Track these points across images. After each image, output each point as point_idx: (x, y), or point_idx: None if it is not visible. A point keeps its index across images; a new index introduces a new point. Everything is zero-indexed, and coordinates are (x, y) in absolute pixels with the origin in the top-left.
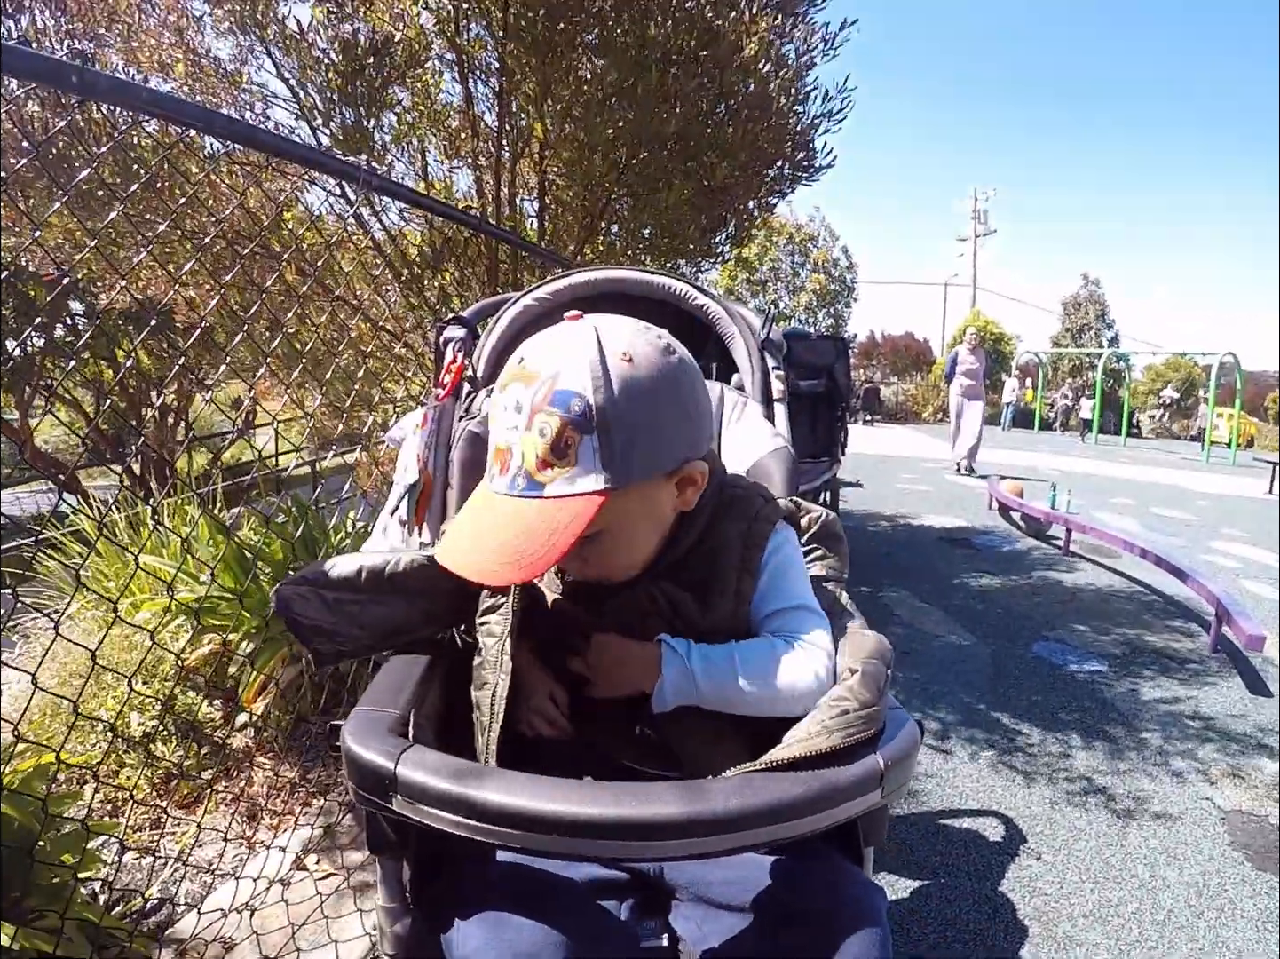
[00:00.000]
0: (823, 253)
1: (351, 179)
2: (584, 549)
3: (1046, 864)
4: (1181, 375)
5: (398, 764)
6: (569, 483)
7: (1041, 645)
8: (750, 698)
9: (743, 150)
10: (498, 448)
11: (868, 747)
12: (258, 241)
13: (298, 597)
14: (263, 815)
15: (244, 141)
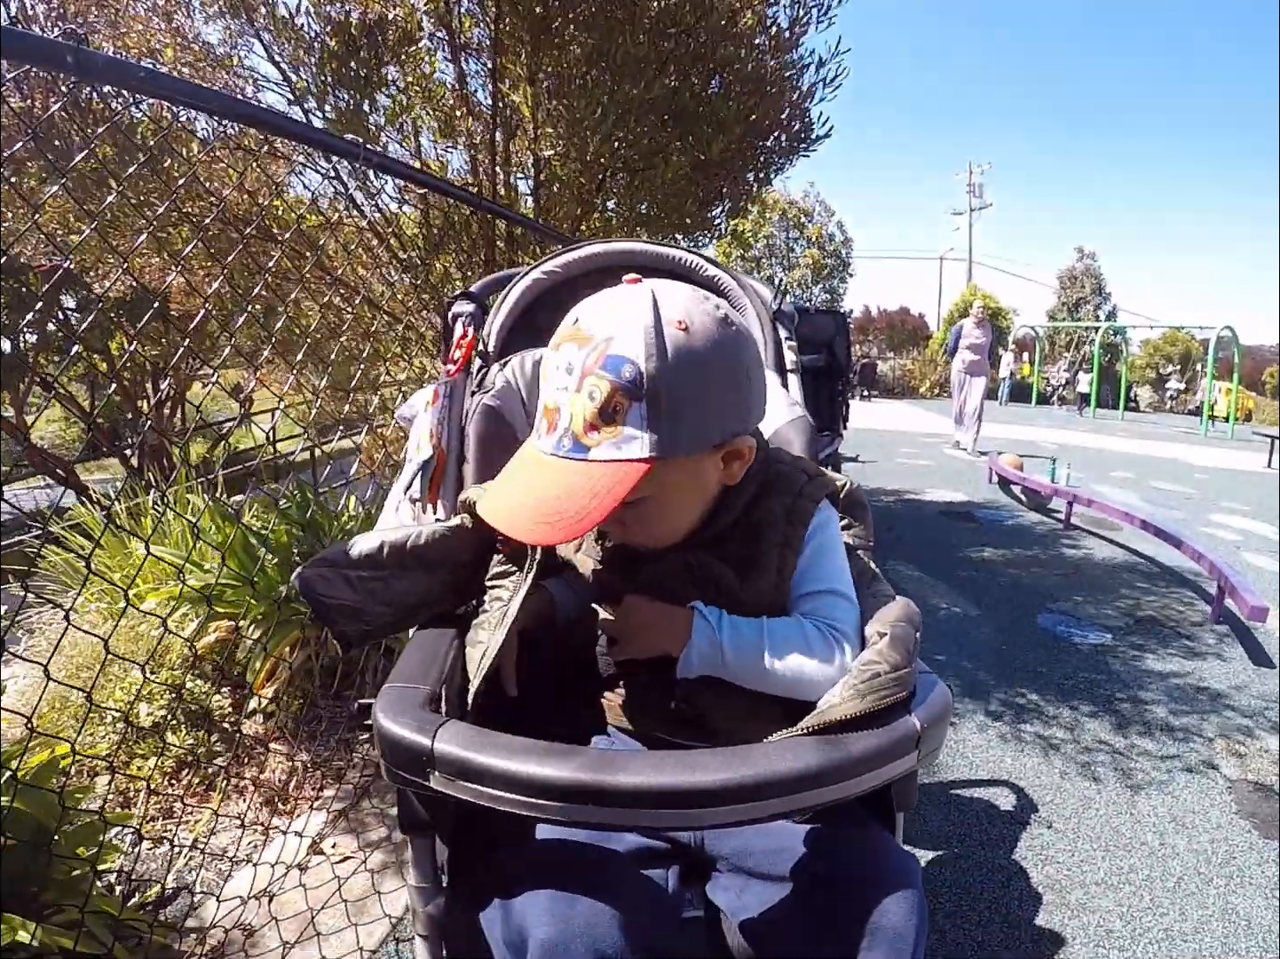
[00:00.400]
0: (817, 228)
1: (350, 156)
2: (625, 514)
3: (1058, 833)
4: (1179, 350)
5: (435, 739)
6: (615, 448)
7: (1046, 617)
8: (773, 676)
9: (738, 123)
10: (546, 407)
11: (901, 709)
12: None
13: (320, 578)
14: (277, 801)
15: (241, 119)
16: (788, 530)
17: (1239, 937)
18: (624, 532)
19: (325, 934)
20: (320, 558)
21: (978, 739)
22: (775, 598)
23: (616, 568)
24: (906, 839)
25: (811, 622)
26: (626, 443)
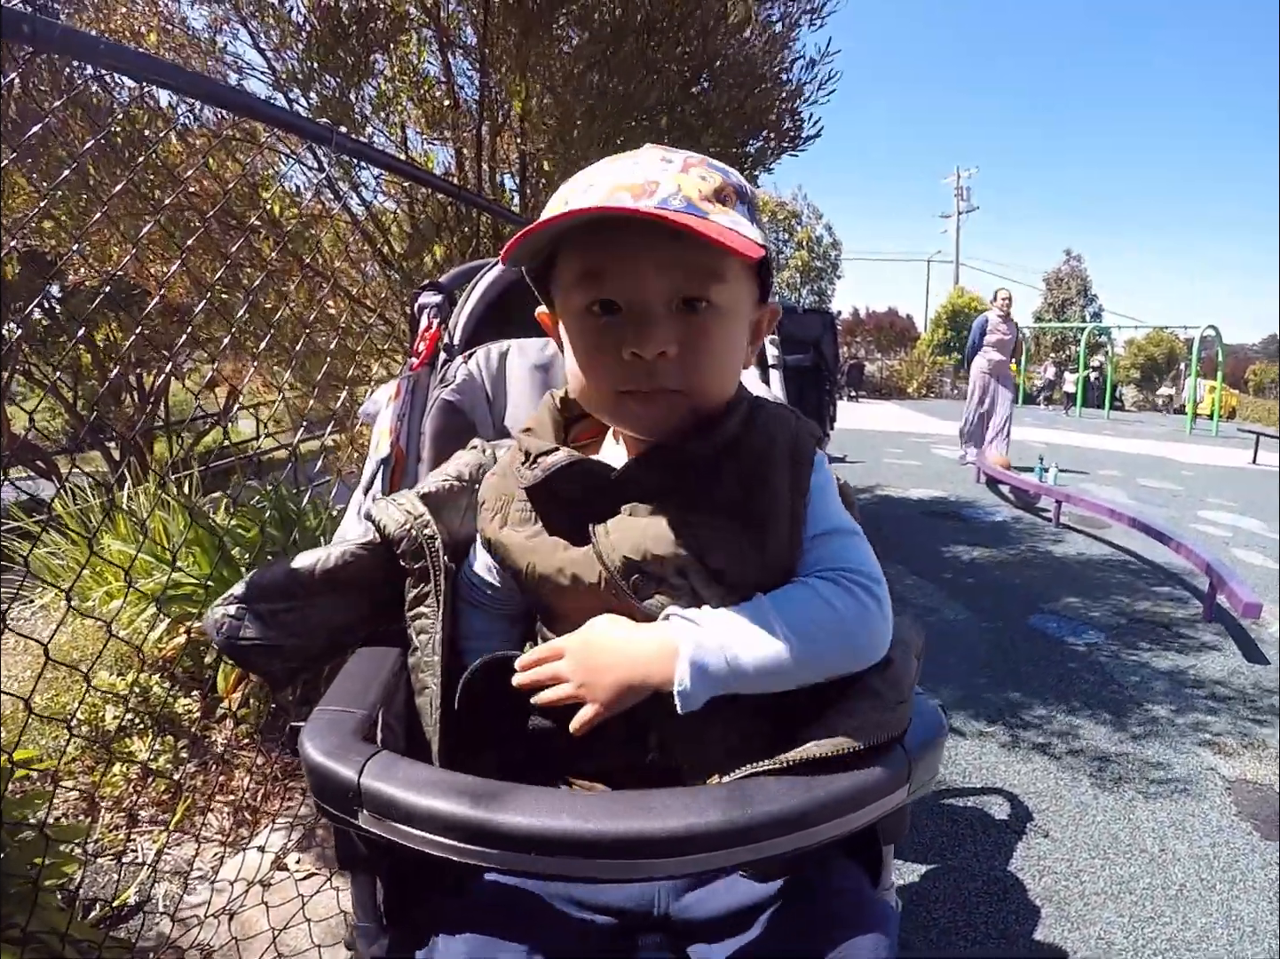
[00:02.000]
0: (806, 230)
1: (323, 141)
2: (688, 323)
3: (1055, 842)
4: (1163, 350)
5: (362, 774)
6: (732, 222)
7: (1038, 618)
8: (799, 668)
9: (727, 119)
10: (622, 184)
11: (893, 740)
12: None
13: (229, 620)
14: (244, 812)
15: (211, 100)
16: (794, 473)
17: (1244, 943)
18: (679, 353)
19: (287, 956)
20: (228, 595)
21: (970, 745)
22: (789, 561)
23: (565, 522)
24: (897, 852)
25: (820, 577)
26: (743, 225)
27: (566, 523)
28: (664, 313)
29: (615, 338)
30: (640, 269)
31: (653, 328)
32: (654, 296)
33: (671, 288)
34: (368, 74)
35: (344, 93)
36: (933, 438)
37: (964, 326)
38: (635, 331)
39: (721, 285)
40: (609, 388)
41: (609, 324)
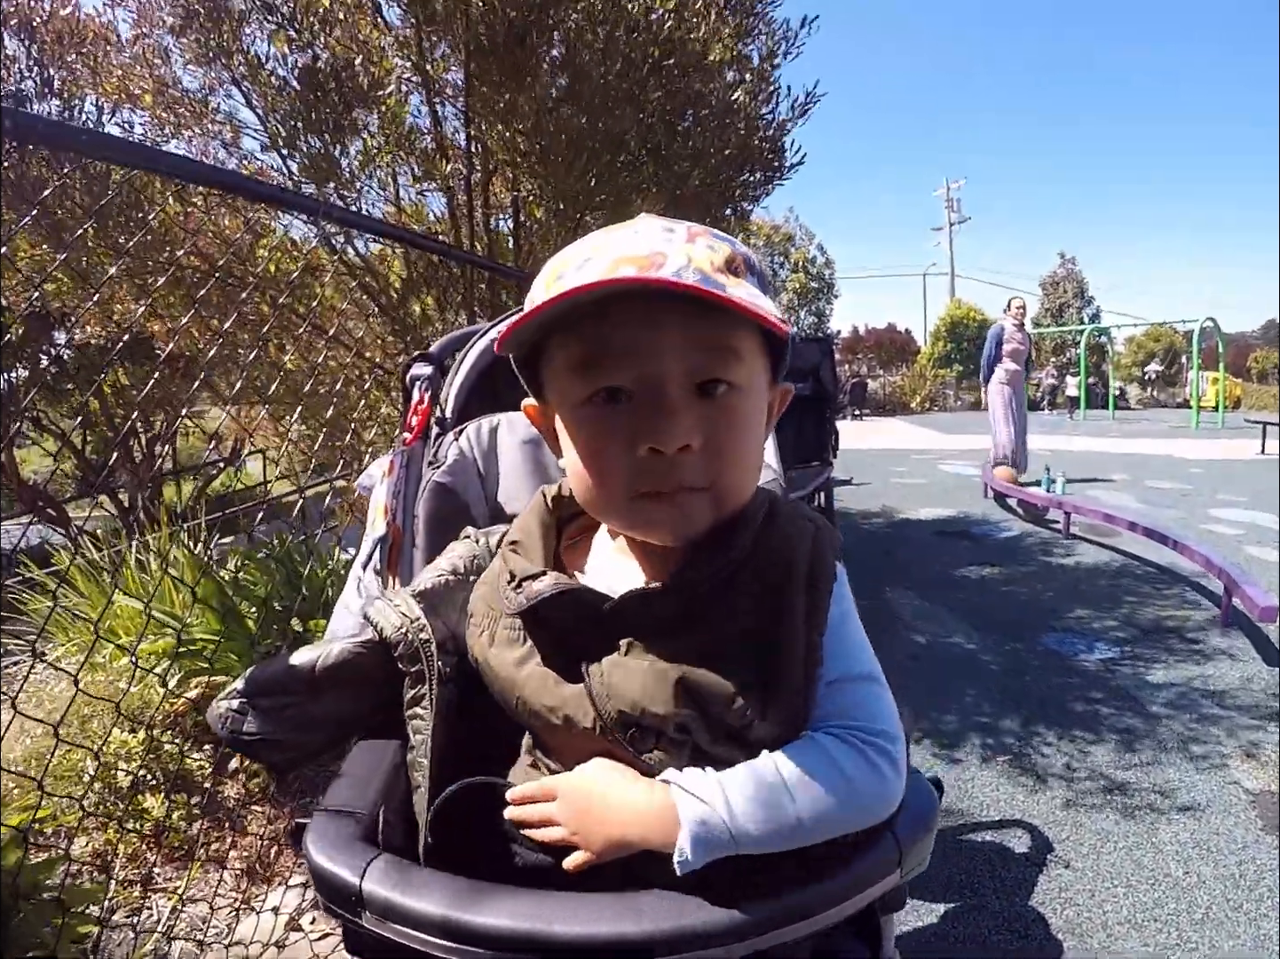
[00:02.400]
0: (801, 252)
1: (310, 213)
2: (710, 407)
3: (1076, 872)
4: (1163, 345)
5: (364, 878)
6: (749, 295)
7: (1051, 637)
8: (803, 834)
9: (713, 156)
10: (626, 257)
11: (885, 825)
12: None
13: (232, 714)
14: (257, 868)
15: (194, 179)
16: (812, 601)
17: None
18: (702, 445)
19: None
20: (231, 689)
21: (986, 776)
22: (802, 709)
23: (556, 653)
24: (914, 891)
25: (833, 735)
26: (758, 298)
27: (558, 654)
28: (682, 399)
29: (627, 431)
30: (653, 350)
31: (673, 417)
32: (670, 381)
33: (688, 370)
34: (351, 131)
35: (329, 150)
36: (937, 453)
37: (963, 338)
38: (652, 423)
39: (740, 365)
40: (622, 490)
41: (617, 415)
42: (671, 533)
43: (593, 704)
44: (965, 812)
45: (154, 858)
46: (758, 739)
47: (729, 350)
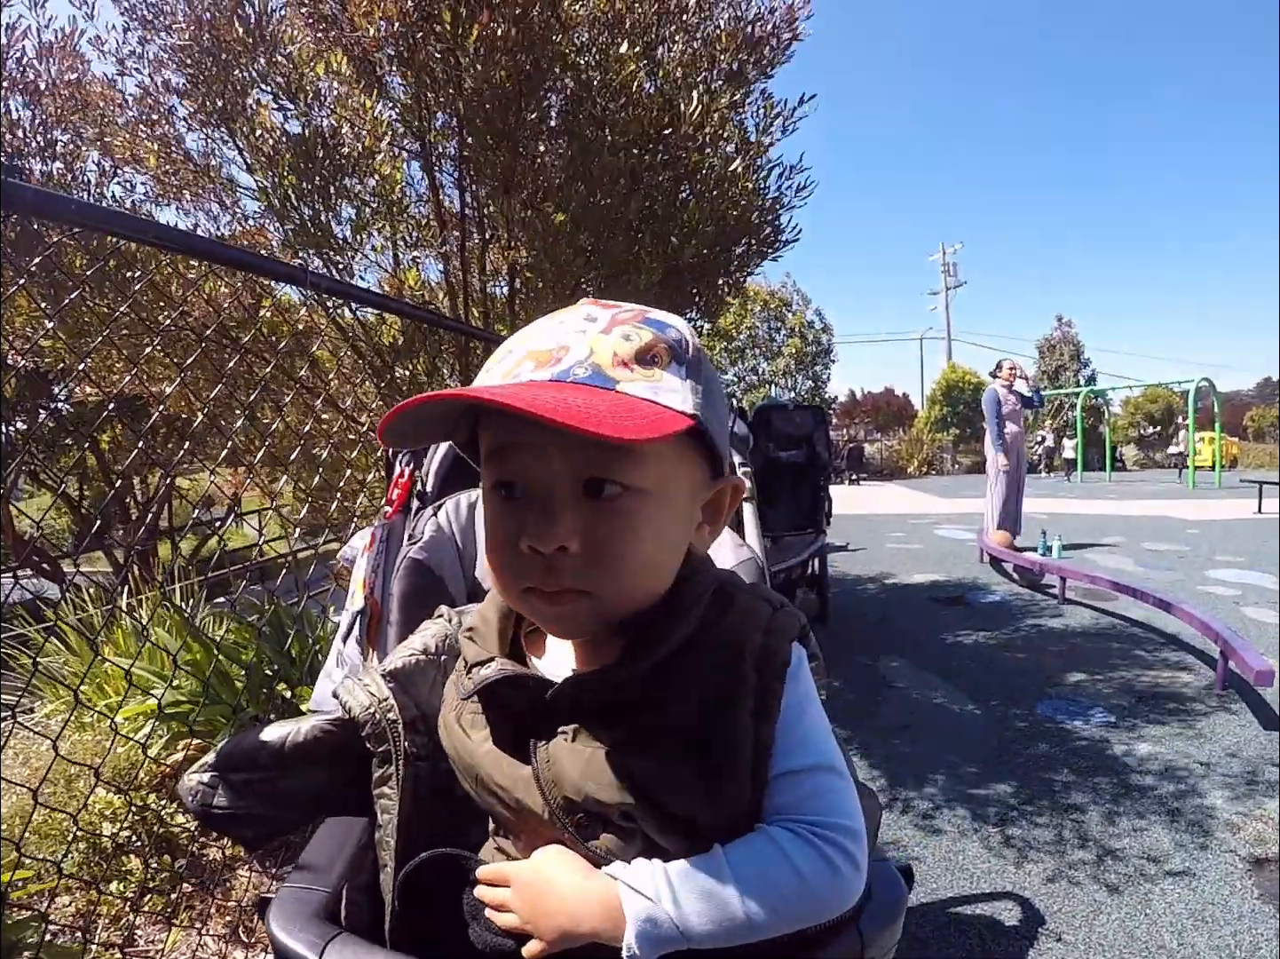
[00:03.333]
0: (798, 317)
1: (297, 282)
2: (596, 513)
3: (1068, 945)
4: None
5: (322, 957)
6: (651, 390)
7: (1045, 704)
8: (754, 932)
9: (709, 227)
10: (534, 351)
11: (848, 919)
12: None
13: (203, 788)
14: (242, 932)
15: (181, 251)
16: (761, 691)
17: None
18: (585, 548)
19: None
20: (202, 763)
21: (977, 848)
22: (751, 801)
23: (509, 735)
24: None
25: (786, 829)
26: (666, 392)
27: (511, 736)
28: (567, 499)
29: (515, 526)
30: (540, 445)
31: (550, 518)
32: (555, 479)
33: (574, 468)
34: (341, 197)
35: (320, 216)
36: (934, 518)
37: (959, 401)
38: (533, 521)
39: (638, 465)
40: (513, 584)
41: (510, 509)
42: (557, 628)
43: (540, 792)
44: (954, 883)
45: (136, 919)
46: (706, 828)
47: (621, 451)
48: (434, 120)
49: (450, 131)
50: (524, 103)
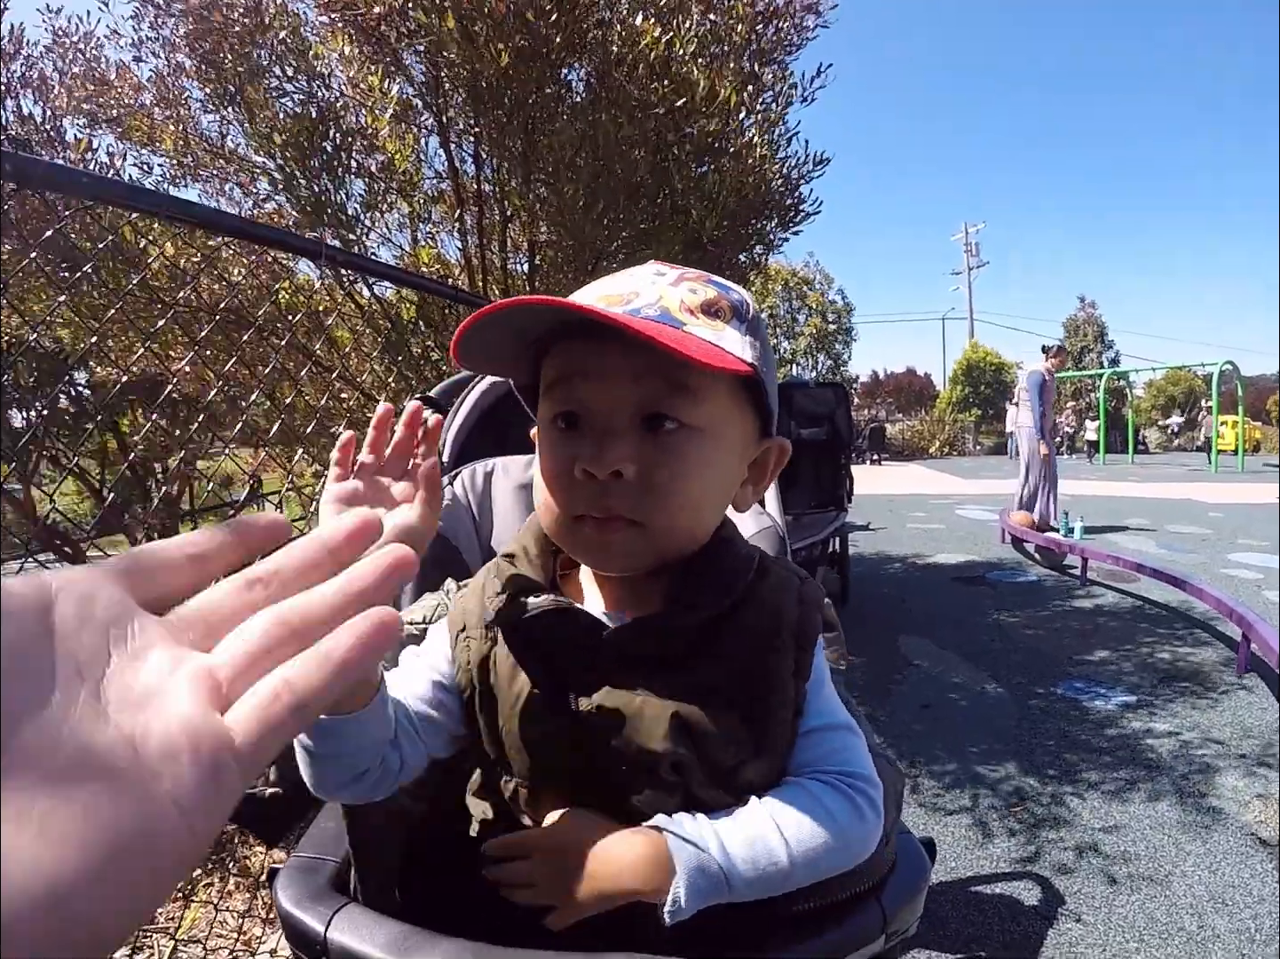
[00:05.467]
0: (818, 295)
1: (313, 256)
2: (656, 444)
3: (1088, 926)
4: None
5: (329, 928)
6: (715, 335)
7: (1067, 684)
8: (794, 879)
9: (729, 200)
10: (603, 295)
11: (870, 891)
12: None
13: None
14: (260, 903)
15: (197, 224)
16: (799, 656)
17: None
18: (640, 478)
19: None
20: None
21: (996, 828)
22: (785, 757)
23: (543, 680)
24: (923, 943)
25: (818, 781)
26: (728, 341)
27: (545, 681)
28: (625, 428)
29: (572, 453)
30: (604, 376)
31: (608, 442)
32: (616, 408)
33: (636, 400)
34: (351, 173)
35: (329, 193)
36: (956, 498)
37: (981, 382)
38: (590, 446)
39: (695, 404)
40: (564, 511)
41: (569, 438)
42: (600, 560)
43: (582, 741)
44: (975, 863)
45: None
46: (745, 783)
47: (683, 388)
48: (452, 96)
49: (468, 108)
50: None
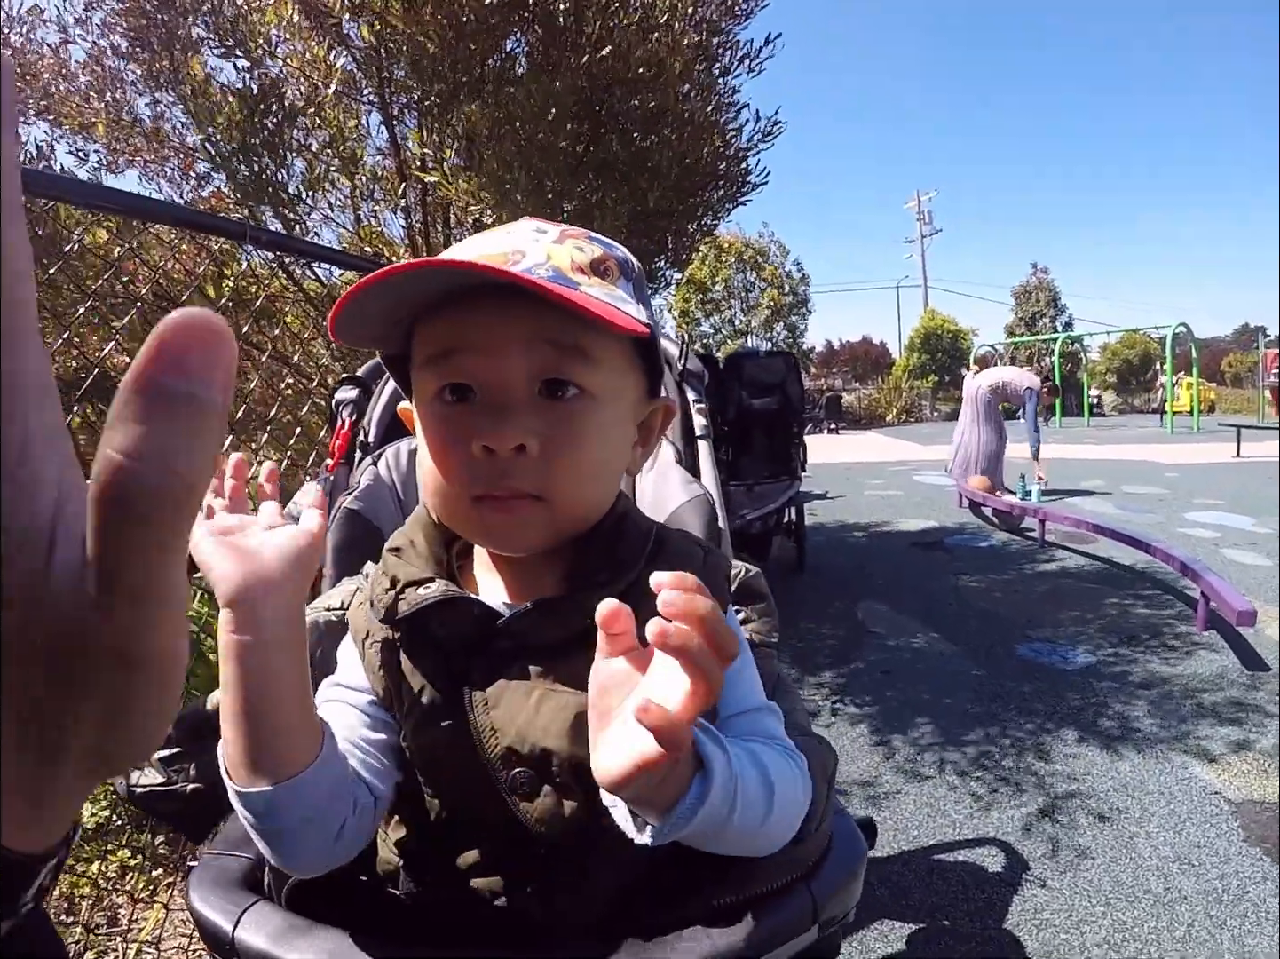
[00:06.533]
0: (774, 268)
1: (238, 238)
2: (552, 412)
3: (1053, 891)
4: (1137, 351)
5: (237, 926)
6: (609, 296)
7: (1026, 646)
8: (770, 829)
9: (673, 172)
10: (485, 255)
11: (800, 879)
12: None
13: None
14: None
15: (115, 210)
16: None
17: None
18: (539, 449)
19: None
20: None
21: (959, 793)
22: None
23: (436, 675)
24: (885, 913)
25: (762, 744)
26: (621, 301)
27: (439, 677)
28: (524, 399)
29: (466, 429)
30: (496, 345)
31: (508, 415)
32: (512, 378)
33: (532, 368)
34: (291, 151)
35: (267, 172)
36: (913, 464)
37: (937, 349)
38: (488, 420)
39: (594, 369)
40: (460, 491)
41: (460, 413)
42: (505, 541)
43: (477, 740)
44: (936, 831)
45: (119, 899)
46: None
47: (579, 351)
48: (394, 69)
49: (409, 82)
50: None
